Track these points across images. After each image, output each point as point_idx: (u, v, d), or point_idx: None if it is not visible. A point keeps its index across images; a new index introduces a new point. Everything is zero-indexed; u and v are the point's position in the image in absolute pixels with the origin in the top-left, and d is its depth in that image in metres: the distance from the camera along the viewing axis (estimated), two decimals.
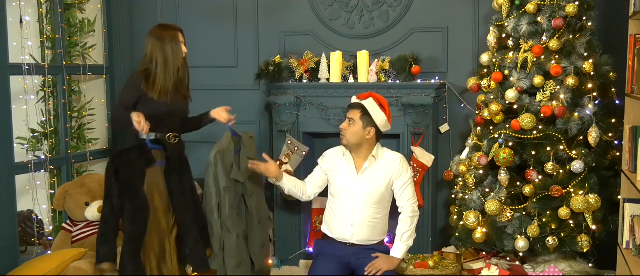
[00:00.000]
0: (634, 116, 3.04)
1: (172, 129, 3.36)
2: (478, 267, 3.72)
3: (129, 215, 3.19)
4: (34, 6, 4.33)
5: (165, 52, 3.25)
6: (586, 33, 3.57)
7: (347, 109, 3.37)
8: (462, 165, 3.82)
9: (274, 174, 3.42)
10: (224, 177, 3.37)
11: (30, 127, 4.29)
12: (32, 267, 3.60)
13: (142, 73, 3.27)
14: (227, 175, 3.37)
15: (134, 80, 3.28)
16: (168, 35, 3.28)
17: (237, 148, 3.47)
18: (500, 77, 3.66)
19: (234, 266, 3.41)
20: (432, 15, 4.26)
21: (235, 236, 3.42)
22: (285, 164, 4.24)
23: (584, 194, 3.40)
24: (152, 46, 3.27)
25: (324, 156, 3.50)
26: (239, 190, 3.47)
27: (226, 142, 3.42)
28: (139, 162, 3.22)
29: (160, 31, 3.31)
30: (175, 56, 3.28)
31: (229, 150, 3.40)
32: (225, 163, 3.37)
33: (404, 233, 3.31)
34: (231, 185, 3.41)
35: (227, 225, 3.40)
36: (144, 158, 3.24)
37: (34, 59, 4.28)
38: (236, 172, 3.41)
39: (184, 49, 3.34)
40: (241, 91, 4.68)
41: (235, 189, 3.44)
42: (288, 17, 4.56)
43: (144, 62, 3.31)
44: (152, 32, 3.32)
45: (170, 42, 3.27)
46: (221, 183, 3.37)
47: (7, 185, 3.82)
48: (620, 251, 3.05)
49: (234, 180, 3.41)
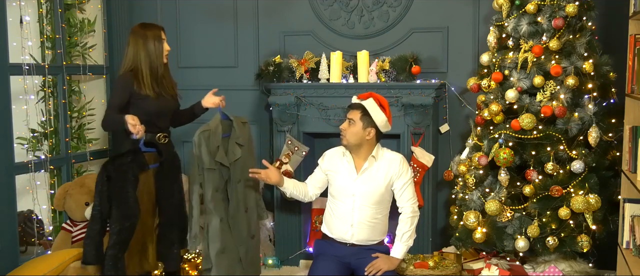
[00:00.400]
0: (634, 116, 3.04)
1: (161, 129, 3.37)
2: (478, 267, 3.72)
3: (116, 222, 3.17)
4: (34, 6, 4.33)
5: (148, 49, 3.27)
6: (586, 33, 3.57)
7: (347, 109, 3.37)
8: (462, 165, 3.82)
9: (275, 180, 3.42)
10: (208, 157, 3.29)
11: (30, 127, 4.29)
12: (32, 267, 3.60)
13: (130, 74, 3.27)
14: (211, 157, 3.30)
15: (124, 81, 3.28)
16: (150, 33, 3.30)
17: (226, 133, 3.41)
18: (500, 77, 3.66)
19: (218, 250, 3.33)
20: (432, 15, 4.26)
21: (218, 220, 3.34)
22: (285, 164, 4.24)
23: (584, 194, 3.40)
24: (135, 45, 3.29)
25: (323, 156, 3.50)
26: (224, 174, 3.40)
27: (214, 124, 3.36)
28: (132, 168, 3.20)
29: (143, 30, 3.32)
30: (158, 53, 3.30)
31: (215, 132, 3.33)
32: (211, 145, 3.31)
33: (404, 233, 3.31)
34: (216, 167, 3.34)
35: (209, 207, 3.33)
36: (137, 164, 3.22)
37: (34, 59, 4.28)
38: (221, 155, 3.34)
39: (167, 46, 3.36)
40: (241, 91, 4.68)
41: (220, 172, 3.38)
42: (288, 17, 4.56)
43: (126, 62, 3.31)
44: (134, 31, 3.33)
45: (153, 39, 3.29)
46: (204, 163, 3.29)
47: (7, 185, 3.82)
48: (620, 251, 3.05)
49: (219, 163, 3.34)
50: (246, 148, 3.51)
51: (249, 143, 3.54)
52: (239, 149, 3.43)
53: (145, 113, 3.26)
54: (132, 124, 3.11)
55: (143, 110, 3.26)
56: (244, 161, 3.49)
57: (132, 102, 3.27)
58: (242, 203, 3.48)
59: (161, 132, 3.37)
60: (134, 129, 3.10)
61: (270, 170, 3.43)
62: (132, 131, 3.12)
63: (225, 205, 3.41)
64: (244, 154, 3.48)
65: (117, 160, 3.21)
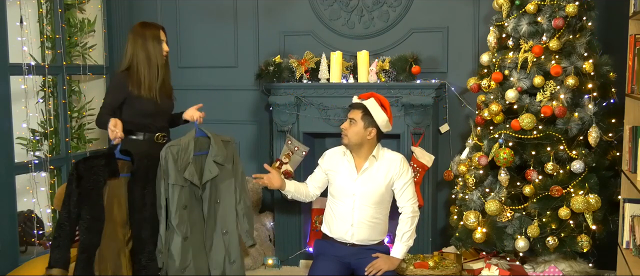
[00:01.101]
0: (634, 116, 3.04)
1: (159, 129, 3.34)
2: (478, 267, 3.72)
3: (85, 223, 3.06)
4: (34, 6, 4.33)
5: (147, 49, 3.23)
6: (586, 33, 3.57)
7: (348, 109, 3.37)
8: (462, 165, 3.82)
9: (278, 185, 3.42)
10: (174, 173, 3.15)
11: (30, 127, 4.29)
12: (32, 267, 3.59)
13: (125, 73, 3.24)
14: (177, 172, 3.15)
15: (119, 81, 3.25)
16: (149, 33, 3.26)
17: (204, 150, 3.24)
18: (500, 77, 3.66)
19: (177, 268, 3.17)
20: (432, 15, 4.27)
21: (180, 238, 3.17)
22: (285, 164, 4.24)
23: (584, 194, 3.40)
24: (134, 44, 3.25)
25: (324, 156, 3.50)
26: (195, 192, 3.24)
27: (185, 140, 3.20)
28: (103, 171, 3.09)
29: (142, 29, 3.27)
30: (156, 53, 3.25)
31: (185, 149, 3.18)
32: (179, 161, 3.17)
33: (404, 234, 3.31)
34: (183, 183, 3.18)
35: (172, 224, 3.17)
36: (108, 169, 3.11)
37: (34, 58, 4.28)
38: (191, 172, 3.17)
39: (165, 47, 3.30)
40: (241, 91, 4.68)
41: (190, 189, 3.21)
42: (288, 17, 4.56)
43: (125, 61, 3.28)
44: (133, 30, 3.29)
45: (151, 39, 3.24)
46: (170, 179, 3.15)
47: (7, 185, 3.82)
48: (620, 251, 3.05)
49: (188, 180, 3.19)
50: (229, 168, 3.31)
51: (233, 163, 3.33)
52: (216, 168, 3.23)
53: (140, 114, 3.23)
54: (112, 129, 3.06)
55: (138, 110, 3.23)
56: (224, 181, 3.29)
57: (127, 102, 3.23)
58: (219, 225, 3.30)
59: (159, 132, 3.35)
60: (112, 134, 3.06)
61: (273, 174, 3.42)
62: (110, 136, 3.08)
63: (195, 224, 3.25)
64: (224, 174, 3.28)
65: (90, 162, 3.11)
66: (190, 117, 3.39)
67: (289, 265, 4.37)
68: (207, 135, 3.26)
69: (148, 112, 3.26)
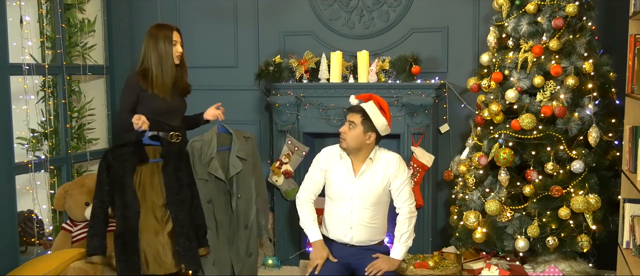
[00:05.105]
0: (634, 116, 3.04)
1: (173, 128, 3.38)
2: (478, 267, 3.72)
3: (118, 211, 3.21)
4: (34, 6, 4.33)
5: (159, 49, 3.31)
6: (586, 33, 3.56)
7: (347, 111, 3.34)
8: (462, 165, 3.82)
9: (327, 256, 3.31)
10: (198, 167, 3.36)
11: (30, 127, 4.29)
12: (32, 267, 3.60)
13: (139, 74, 3.34)
14: (203, 167, 3.36)
15: (131, 82, 3.35)
16: (162, 34, 3.34)
17: (226, 146, 3.42)
18: (500, 77, 3.66)
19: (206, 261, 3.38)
20: (432, 15, 4.26)
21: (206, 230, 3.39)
22: (285, 164, 4.24)
23: (584, 194, 3.39)
24: (147, 45, 3.35)
25: (320, 155, 3.44)
26: (220, 187, 3.42)
27: (208, 136, 3.41)
28: (131, 158, 3.23)
29: (155, 30, 3.37)
30: (167, 54, 3.32)
31: (209, 144, 3.38)
32: (203, 156, 3.36)
33: (402, 235, 3.30)
34: (209, 178, 3.38)
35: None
36: (136, 155, 3.25)
37: (34, 59, 4.28)
38: (215, 167, 3.37)
39: (178, 48, 3.37)
40: (241, 91, 4.68)
41: (216, 184, 3.41)
42: (288, 17, 4.55)
43: (140, 61, 3.38)
44: (148, 31, 3.38)
45: (163, 40, 3.32)
46: (197, 173, 3.37)
47: (7, 185, 3.82)
48: (620, 251, 3.05)
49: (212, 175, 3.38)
50: (250, 163, 3.48)
51: (253, 158, 3.52)
52: (239, 163, 3.41)
53: (152, 112, 3.30)
54: (136, 121, 3.17)
55: (150, 109, 3.30)
56: (246, 176, 3.46)
57: (140, 101, 3.32)
58: (242, 219, 3.48)
59: (173, 130, 3.38)
60: (137, 123, 3.16)
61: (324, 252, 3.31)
62: (135, 127, 3.17)
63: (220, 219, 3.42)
64: (246, 169, 3.46)
65: (117, 150, 3.25)
66: (213, 116, 3.53)
67: (288, 265, 4.37)
68: (229, 131, 3.45)
69: (160, 111, 3.33)
